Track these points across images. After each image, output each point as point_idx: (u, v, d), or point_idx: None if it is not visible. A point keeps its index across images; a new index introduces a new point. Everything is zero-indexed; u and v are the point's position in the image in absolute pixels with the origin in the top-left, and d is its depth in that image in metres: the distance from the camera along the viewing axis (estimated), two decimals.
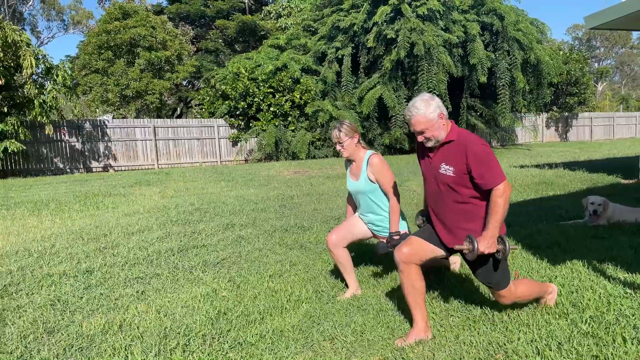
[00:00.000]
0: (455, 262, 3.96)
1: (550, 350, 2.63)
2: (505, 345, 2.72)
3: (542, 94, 21.39)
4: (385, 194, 3.51)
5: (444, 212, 2.85)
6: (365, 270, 4.15)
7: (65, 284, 4.12)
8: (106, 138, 16.97)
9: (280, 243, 5.24)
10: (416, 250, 2.84)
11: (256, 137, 18.76)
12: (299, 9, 29.59)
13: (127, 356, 2.83)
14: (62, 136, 16.14)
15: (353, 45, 19.09)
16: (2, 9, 43.90)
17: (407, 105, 14.89)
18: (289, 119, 18.75)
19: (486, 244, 2.64)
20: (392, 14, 17.82)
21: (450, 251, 2.93)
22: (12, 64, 13.89)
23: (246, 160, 19.10)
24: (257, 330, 3.08)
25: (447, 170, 2.74)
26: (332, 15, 19.29)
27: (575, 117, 28.79)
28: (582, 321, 2.94)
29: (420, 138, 2.79)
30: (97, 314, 3.49)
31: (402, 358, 2.67)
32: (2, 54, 13.12)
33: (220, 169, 15.47)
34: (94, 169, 16.75)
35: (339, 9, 19.53)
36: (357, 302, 3.45)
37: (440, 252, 2.92)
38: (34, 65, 13.45)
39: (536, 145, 24.02)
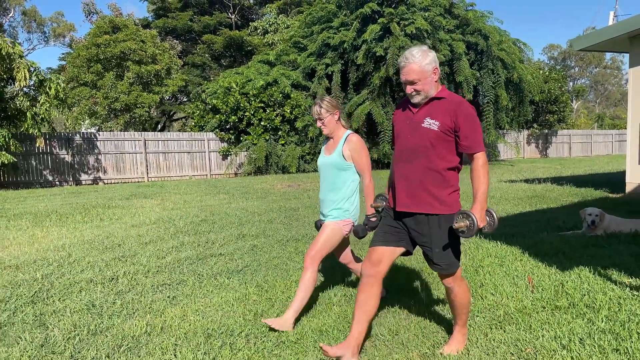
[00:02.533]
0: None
1: (575, 345, 2.86)
2: (532, 341, 2.95)
3: (524, 111, 22.09)
4: (360, 175, 3.44)
5: (414, 172, 2.68)
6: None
7: (94, 290, 4.23)
8: (96, 151, 16.92)
9: (296, 252, 5.41)
10: (380, 258, 2.74)
11: (246, 150, 18.91)
12: (285, 25, 30.05)
13: (177, 355, 2.97)
14: (52, 149, 16.05)
15: (342, 62, 19.49)
16: None
17: None
18: (279, 133, 18.97)
19: (481, 217, 2.53)
20: (381, 32, 18.31)
21: (413, 243, 2.79)
22: (4, 76, 13.84)
23: (236, 174, 19.21)
24: (296, 330, 3.25)
25: (431, 124, 2.60)
26: (322, 32, 19.68)
27: (554, 134, 29.65)
28: (599, 320, 3.18)
29: (409, 89, 2.62)
30: (135, 317, 3.61)
31: (440, 353, 2.87)
32: None
33: (212, 182, 15.56)
34: (83, 182, 16.65)
35: (328, 26, 19.95)
36: (386, 306, 3.64)
37: (401, 249, 2.79)
38: (27, 77, 13.43)
39: (518, 161, 24.65)
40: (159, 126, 31.41)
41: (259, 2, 36.39)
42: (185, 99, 31.99)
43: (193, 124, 20.23)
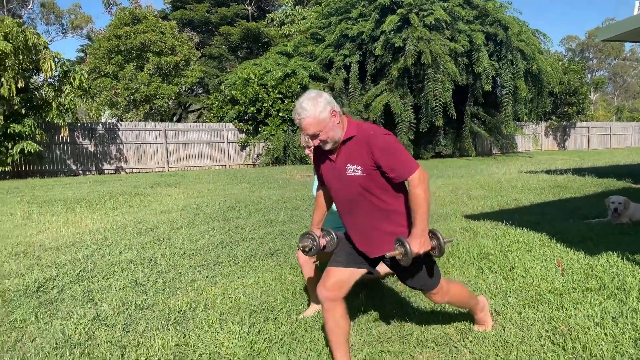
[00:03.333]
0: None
1: (607, 322, 2.96)
2: (566, 320, 3.05)
3: (543, 103, 21.95)
4: None
5: (360, 219, 2.54)
6: None
7: (135, 270, 4.41)
8: (118, 141, 17.22)
9: None
10: (340, 281, 2.56)
11: (264, 141, 19.09)
12: (302, 17, 30.08)
13: (223, 328, 3.13)
14: (76, 138, 16.37)
15: (361, 53, 19.53)
16: (1, 12, 44.07)
17: (412, 111, 15.11)
18: None
19: (419, 243, 2.36)
20: (399, 23, 18.29)
21: (375, 263, 2.66)
22: (30, 67, 14.15)
23: (254, 165, 19.40)
24: None
25: (354, 170, 2.44)
26: (340, 23, 19.73)
27: (573, 126, 29.36)
28: (630, 300, 3.27)
29: (315, 142, 2.47)
30: (178, 294, 3.78)
31: (477, 330, 2.98)
32: (22, 57, 13.37)
33: (232, 172, 15.76)
34: (105, 171, 16.98)
35: (346, 17, 19.98)
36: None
37: (363, 271, 2.64)
38: (53, 68, 13.73)
39: (536, 153, 24.50)
40: (175, 118, 31.73)
41: None
42: (200, 91, 32.23)
43: (212, 115, 20.44)
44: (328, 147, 2.48)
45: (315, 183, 3.48)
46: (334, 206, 3.33)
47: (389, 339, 2.94)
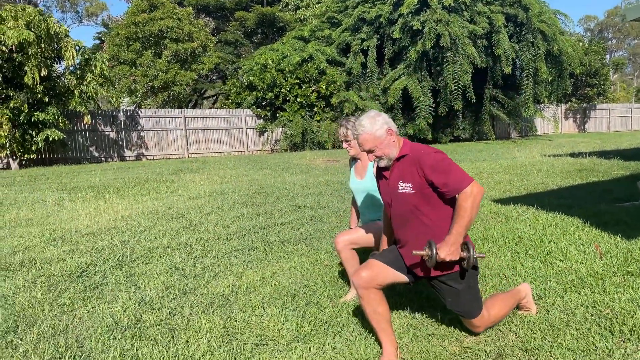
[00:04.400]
0: None
1: None
2: (610, 303, 3.05)
3: (563, 85, 21.60)
4: None
5: (409, 235, 2.64)
6: None
7: (173, 255, 4.49)
8: (139, 127, 17.36)
9: None
10: (375, 275, 2.61)
11: (282, 127, 19.09)
12: (317, 0, 29.83)
13: (266, 311, 3.19)
14: (98, 126, 16.55)
15: (378, 36, 19.35)
16: (18, 0, 44.35)
17: (430, 95, 15.14)
18: (315, 109, 19.05)
19: (447, 250, 2.41)
20: (418, 6, 18.05)
21: (416, 278, 2.71)
22: (52, 55, 14.27)
23: (272, 150, 19.45)
24: None
25: (405, 188, 2.56)
26: (358, 7, 19.54)
27: (593, 108, 28.88)
28: None
29: (370, 157, 2.63)
30: (218, 278, 3.85)
31: (521, 313, 3.00)
32: (44, 45, 13.48)
33: (252, 158, 15.83)
34: (127, 158, 17.15)
35: (364, 0, 19.77)
36: None
37: (403, 278, 2.68)
38: (75, 56, 13.82)
39: (556, 136, 24.19)
40: (190, 104, 31.82)
41: None
42: (215, 77, 32.25)
43: (230, 101, 20.47)
44: (383, 163, 2.64)
45: (352, 177, 3.54)
46: (358, 202, 3.53)
47: (434, 322, 2.97)
